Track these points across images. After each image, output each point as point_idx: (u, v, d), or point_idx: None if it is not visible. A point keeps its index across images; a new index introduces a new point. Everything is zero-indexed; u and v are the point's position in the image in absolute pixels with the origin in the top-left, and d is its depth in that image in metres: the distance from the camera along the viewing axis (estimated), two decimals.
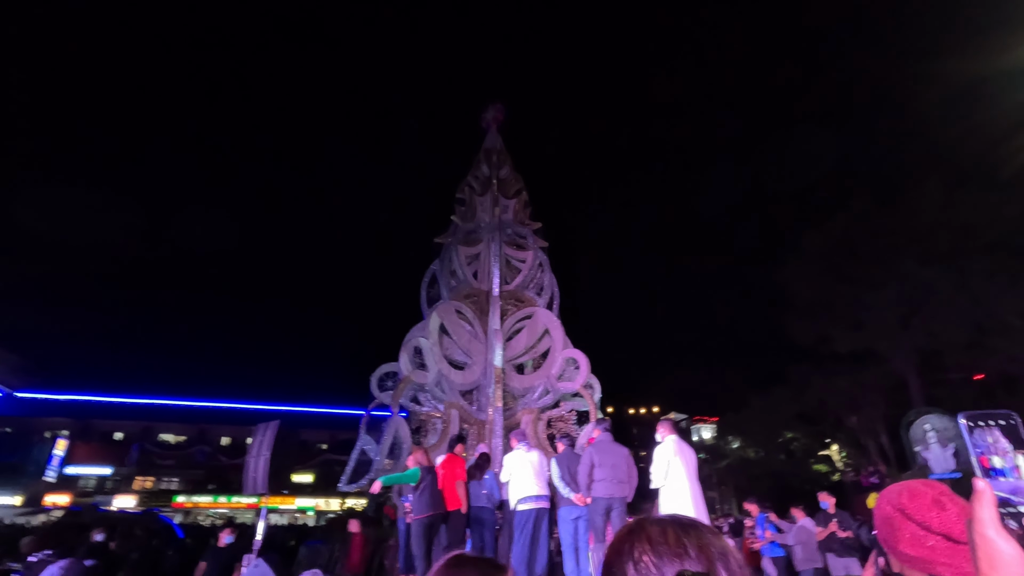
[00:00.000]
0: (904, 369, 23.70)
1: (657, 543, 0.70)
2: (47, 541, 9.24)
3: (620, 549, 0.73)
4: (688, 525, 0.73)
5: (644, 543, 0.71)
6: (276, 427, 7.67)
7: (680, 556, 0.68)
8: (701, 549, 0.68)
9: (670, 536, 0.70)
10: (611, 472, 5.80)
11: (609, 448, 6.01)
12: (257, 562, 5.88)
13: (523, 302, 14.90)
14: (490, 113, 18.05)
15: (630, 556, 0.70)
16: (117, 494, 36.74)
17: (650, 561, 0.68)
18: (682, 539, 0.70)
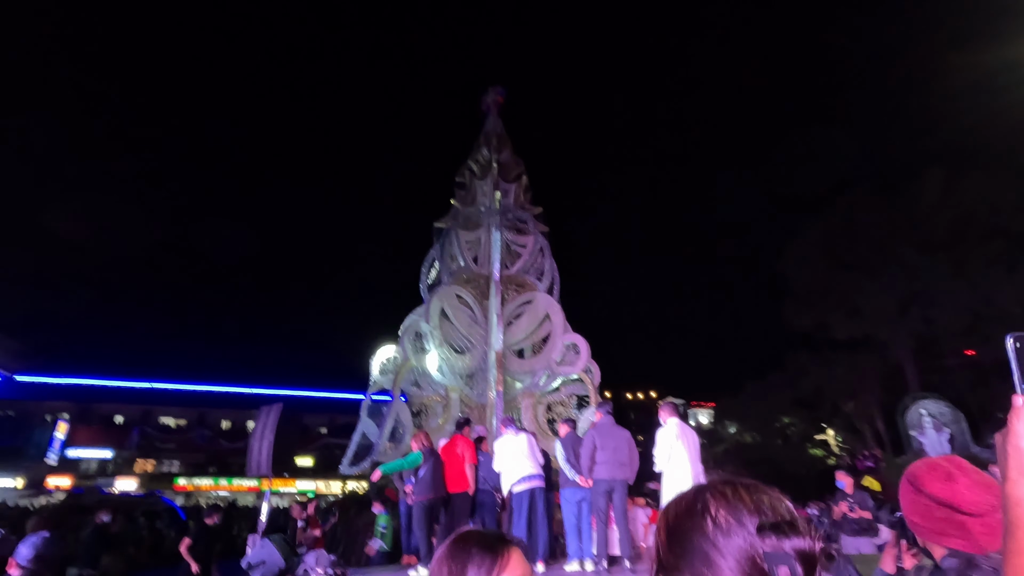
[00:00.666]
0: (901, 356, 23.88)
1: (733, 500, 0.71)
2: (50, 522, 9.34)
3: (691, 509, 0.73)
4: (755, 485, 0.75)
5: (720, 500, 0.71)
6: (279, 410, 7.71)
7: (757, 511, 0.69)
8: (772, 508, 0.70)
9: (743, 494, 0.72)
10: (612, 455, 5.86)
11: (611, 431, 6.06)
12: (263, 542, 5.95)
13: (523, 287, 14.89)
14: (490, 96, 17.86)
15: (706, 514, 0.71)
16: (119, 476, 37.00)
17: (730, 516, 0.69)
18: (755, 496, 0.71)
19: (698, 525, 0.70)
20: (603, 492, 5.84)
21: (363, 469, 13.11)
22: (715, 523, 0.69)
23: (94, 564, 7.73)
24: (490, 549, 1.04)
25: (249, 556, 5.89)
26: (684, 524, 0.72)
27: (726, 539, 0.67)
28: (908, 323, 22.65)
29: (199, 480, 38.67)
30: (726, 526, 0.68)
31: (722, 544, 0.67)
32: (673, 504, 0.78)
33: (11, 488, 32.30)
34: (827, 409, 29.14)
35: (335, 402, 44.69)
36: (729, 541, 0.67)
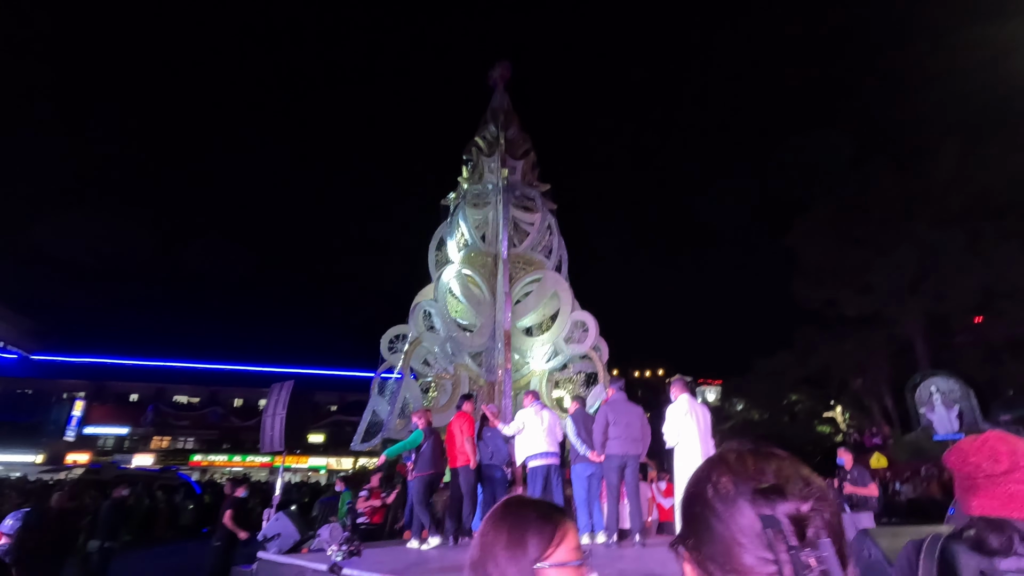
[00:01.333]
0: (911, 332, 23.71)
1: (735, 467, 0.70)
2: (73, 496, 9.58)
3: (701, 476, 0.73)
4: (766, 453, 0.73)
5: (723, 467, 0.71)
6: (291, 387, 7.80)
7: (757, 478, 0.68)
8: (777, 473, 0.68)
9: (748, 461, 0.71)
10: (625, 430, 5.90)
11: (623, 407, 6.10)
12: (277, 516, 6.08)
13: (531, 265, 14.85)
14: (497, 71, 17.59)
15: (709, 480, 0.70)
16: (136, 453, 37.83)
17: (728, 482, 0.68)
18: (759, 463, 0.70)
19: (702, 493, 0.70)
20: (616, 467, 5.89)
21: (373, 445, 13.31)
22: (716, 490, 0.68)
23: (114, 536, 7.95)
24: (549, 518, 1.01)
25: (265, 529, 6.02)
26: (692, 492, 0.72)
27: (725, 506, 0.67)
28: (919, 300, 22.42)
29: (214, 456, 39.47)
30: (725, 493, 0.67)
31: (721, 511, 0.67)
32: (696, 471, 0.77)
33: (32, 463, 33.13)
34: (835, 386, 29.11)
35: (345, 380, 45.23)
36: (728, 508, 0.66)
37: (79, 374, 43.00)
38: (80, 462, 32.63)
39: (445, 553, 5.62)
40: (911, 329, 23.54)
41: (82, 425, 38.69)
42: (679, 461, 5.74)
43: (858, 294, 23.78)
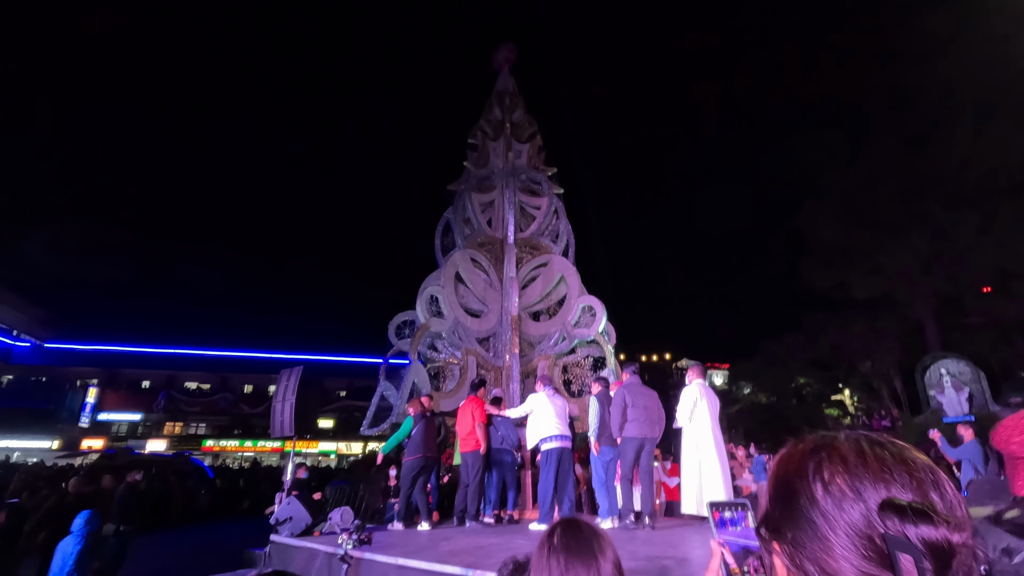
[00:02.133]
0: (922, 314, 23.50)
1: (854, 464, 0.59)
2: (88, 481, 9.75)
3: (802, 468, 0.62)
4: (886, 443, 0.61)
5: (836, 463, 0.59)
6: (299, 372, 7.84)
7: (885, 480, 0.56)
8: (910, 472, 0.57)
9: (869, 456, 0.59)
10: (643, 413, 5.90)
11: (640, 390, 6.10)
12: (289, 499, 6.14)
13: (538, 249, 14.78)
14: (501, 54, 17.34)
15: (818, 478, 0.59)
16: (149, 438, 38.41)
17: (845, 484, 0.57)
18: (884, 459, 0.58)
19: (807, 488, 0.59)
20: (634, 449, 5.88)
21: (382, 430, 13.42)
22: (827, 490, 0.58)
23: (128, 520, 8.10)
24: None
25: (277, 512, 6.08)
26: (792, 483, 0.61)
27: (838, 511, 0.56)
28: (930, 281, 22.19)
29: (225, 441, 40.01)
30: (839, 495, 0.57)
31: (833, 515, 0.57)
32: (786, 456, 0.67)
33: (48, 449, 33.76)
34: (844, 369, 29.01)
35: (354, 366, 45.57)
36: (842, 514, 0.56)
37: (91, 361, 43.57)
38: (95, 448, 33.20)
39: (456, 535, 5.67)
40: (921, 311, 23.33)
41: (96, 411, 39.32)
42: (689, 443, 5.76)
43: (868, 276, 23.55)
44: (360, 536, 3.12)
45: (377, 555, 4.40)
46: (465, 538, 5.39)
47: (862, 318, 25.03)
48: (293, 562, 5.51)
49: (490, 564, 3.76)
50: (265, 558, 5.92)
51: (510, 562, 1.92)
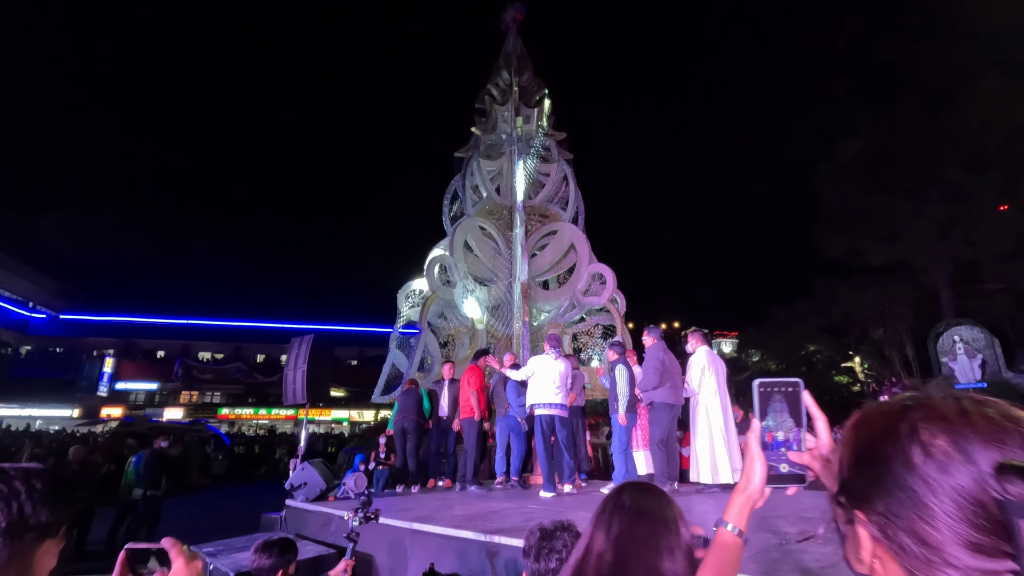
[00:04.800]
0: (937, 280, 23.15)
1: (957, 423, 0.51)
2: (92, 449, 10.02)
3: (893, 430, 0.54)
4: (989, 400, 0.53)
5: (936, 423, 0.52)
6: (311, 340, 7.85)
7: (997, 440, 0.49)
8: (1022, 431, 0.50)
9: (974, 414, 0.52)
10: (677, 379, 5.81)
11: (671, 355, 5.96)
12: (303, 465, 6.21)
13: (548, 217, 14.61)
14: (509, 14, 16.79)
15: (915, 440, 0.52)
16: (166, 407, 39.31)
17: (950, 446, 0.50)
18: (992, 417, 0.51)
19: (902, 452, 0.53)
20: (670, 415, 5.77)
21: (393, 397, 13.55)
22: (928, 453, 0.51)
23: (156, 485, 8.32)
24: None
25: (292, 478, 6.16)
26: (881, 447, 0.55)
27: (943, 475, 0.50)
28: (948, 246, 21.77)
29: (240, 409, 40.86)
30: (944, 459, 0.50)
31: (937, 481, 0.50)
32: (866, 418, 0.60)
33: (69, 417, 34.67)
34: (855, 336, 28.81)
35: (365, 335, 45.95)
36: (948, 478, 0.49)
37: (107, 332, 44.27)
38: (114, 416, 34.05)
39: (469, 500, 5.72)
40: (937, 277, 22.98)
41: (113, 381, 40.18)
42: (699, 412, 5.71)
43: (883, 241, 23.14)
44: (367, 513, 3.10)
45: (391, 520, 4.43)
46: (479, 503, 5.43)
47: (875, 284, 24.71)
48: (308, 526, 5.60)
49: (505, 529, 3.77)
50: (281, 522, 6.02)
51: (536, 530, 1.87)
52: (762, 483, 0.87)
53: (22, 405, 34.84)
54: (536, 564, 1.80)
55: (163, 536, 0.99)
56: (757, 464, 0.87)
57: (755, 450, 0.88)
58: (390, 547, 4.33)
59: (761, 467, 0.87)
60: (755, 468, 0.87)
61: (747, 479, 0.89)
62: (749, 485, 0.88)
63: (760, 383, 0.90)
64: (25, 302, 41.22)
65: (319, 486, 6.01)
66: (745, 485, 0.89)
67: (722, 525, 0.92)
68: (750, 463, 0.88)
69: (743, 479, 0.90)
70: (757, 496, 0.89)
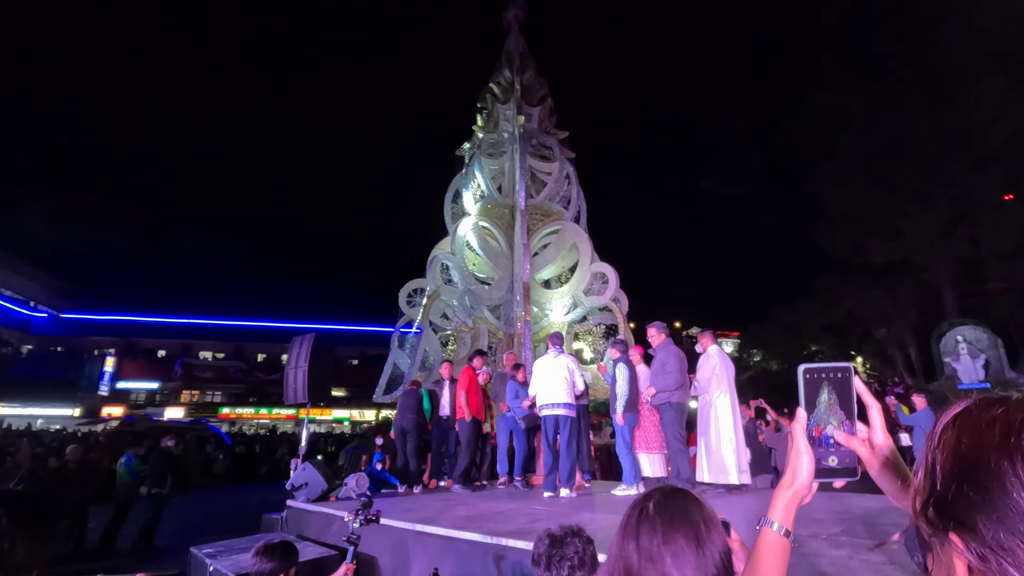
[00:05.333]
0: (940, 279, 23.06)
1: None
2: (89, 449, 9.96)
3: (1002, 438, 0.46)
4: None
5: None
6: (312, 339, 7.80)
7: None
8: None
9: None
10: (687, 377, 5.77)
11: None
12: (304, 465, 6.15)
13: (550, 215, 14.56)
14: (511, 12, 16.75)
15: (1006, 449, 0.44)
16: (167, 406, 39.30)
17: None
18: None
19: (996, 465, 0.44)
20: (685, 415, 5.73)
21: (395, 397, 13.50)
22: None
23: (161, 483, 8.30)
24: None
25: (293, 478, 6.10)
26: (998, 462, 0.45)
27: None
28: (952, 245, 21.67)
29: (241, 409, 40.84)
30: None
31: None
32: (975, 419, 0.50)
33: (70, 416, 34.66)
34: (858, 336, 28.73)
35: (366, 334, 45.93)
36: None
37: (108, 331, 44.28)
38: (115, 415, 34.02)
39: (469, 500, 5.66)
40: (940, 276, 22.88)
41: (114, 380, 40.17)
42: (708, 412, 5.65)
43: (886, 240, 23.04)
44: (368, 514, 3.03)
45: (393, 521, 4.37)
46: (481, 503, 5.37)
47: (878, 283, 24.63)
48: (309, 527, 5.55)
49: (509, 531, 3.71)
50: (282, 522, 5.97)
51: (545, 536, 1.80)
52: (810, 478, 0.82)
53: (23, 404, 34.83)
54: (547, 573, 1.73)
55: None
56: (804, 458, 0.82)
57: (801, 442, 0.83)
58: (392, 549, 4.27)
59: (808, 460, 0.82)
60: (802, 462, 0.82)
61: (793, 474, 0.83)
62: (796, 480, 0.83)
63: (806, 369, 0.84)
64: (26, 301, 41.22)
65: (320, 486, 5.95)
66: (791, 480, 0.83)
67: (767, 524, 0.85)
68: (796, 456, 0.83)
69: (788, 474, 0.84)
70: (804, 492, 0.84)
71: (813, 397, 0.82)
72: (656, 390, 5.72)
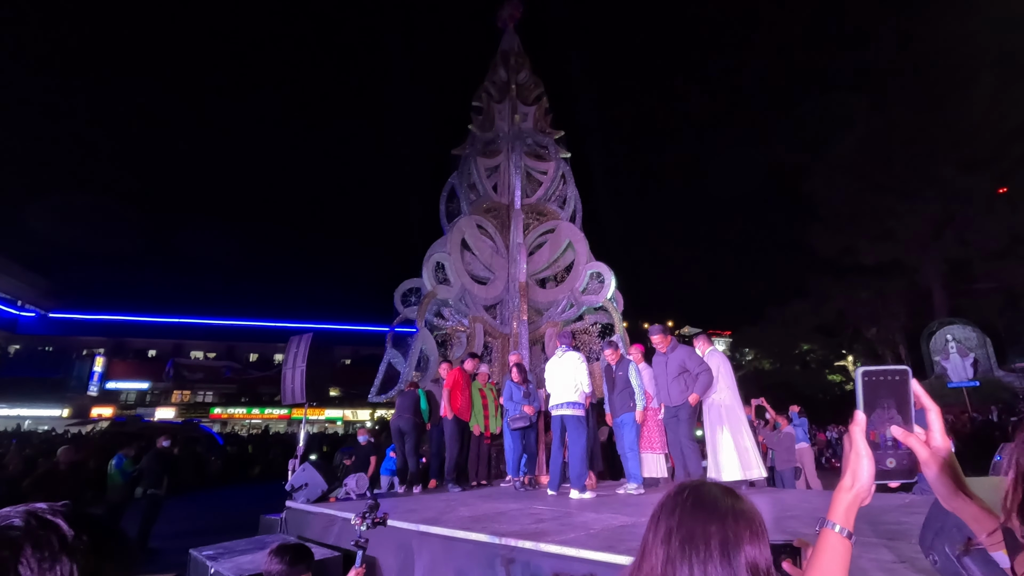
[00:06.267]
0: (930, 280, 23.36)
1: None
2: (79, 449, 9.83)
3: None
4: None
5: None
6: (310, 339, 7.75)
7: None
8: None
9: None
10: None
11: None
12: (303, 466, 6.11)
13: (545, 215, 14.55)
14: (506, 11, 16.73)
15: None
16: (158, 407, 38.93)
17: None
18: None
19: None
20: (696, 413, 5.78)
21: (390, 397, 13.45)
22: None
23: (158, 484, 8.22)
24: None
25: (292, 479, 6.06)
26: None
27: None
28: (941, 246, 21.96)
29: (233, 409, 40.54)
30: None
31: None
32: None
33: (59, 417, 34.27)
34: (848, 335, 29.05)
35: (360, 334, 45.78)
36: None
37: (97, 331, 43.81)
38: (105, 416, 33.68)
39: (470, 500, 5.66)
40: (930, 276, 23.19)
41: (104, 380, 39.75)
42: (720, 410, 5.71)
43: (878, 241, 23.32)
44: (374, 517, 3.01)
45: (396, 521, 4.35)
46: (484, 503, 5.36)
47: (869, 284, 24.92)
48: (310, 528, 5.51)
49: (515, 531, 3.70)
50: (281, 524, 5.93)
51: None
52: (870, 479, 0.83)
53: (11, 405, 34.39)
54: None
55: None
56: (864, 460, 0.83)
57: (861, 445, 0.83)
58: (396, 550, 4.26)
59: (869, 463, 0.83)
60: (862, 464, 0.83)
61: (853, 476, 0.84)
62: (856, 482, 0.83)
63: (864, 372, 0.84)
64: (14, 300, 40.70)
65: (320, 487, 5.92)
66: (851, 483, 0.84)
67: (827, 526, 0.85)
68: (856, 459, 0.84)
69: (848, 476, 0.85)
70: (865, 494, 0.84)
71: (871, 400, 0.83)
72: (699, 395, 5.65)
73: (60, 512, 0.67)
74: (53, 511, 0.68)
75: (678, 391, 5.74)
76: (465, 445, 7.54)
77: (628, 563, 1.07)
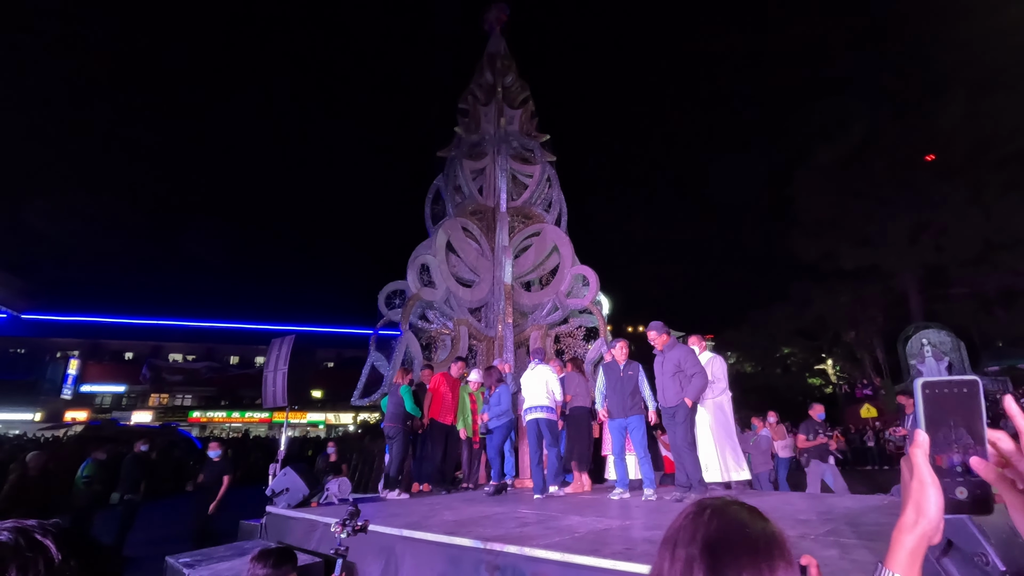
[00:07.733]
0: (906, 285, 23.89)
1: None
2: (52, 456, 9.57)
3: None
4: None
5: None
6: (292, 342, 7.65)
7: None
8: None
9: None
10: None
11: None
12: (284, 471, 6.01)
13: (530, 218, 14.58)
14: (492, 14, 16.76)
15: None
16: (134, 410, 38.11)
17: None
18: None
19: None
20: (693, 415, 5.62)
21: (373, 400, 13.33)
22: None
23: (134, 489, 8.04)
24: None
25: (272, 484, 5.96)
26: None
27: None
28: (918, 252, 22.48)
29: (212, 412, 39.84)
30: None
31: None
32: None
33: (31, 421, 33.37)
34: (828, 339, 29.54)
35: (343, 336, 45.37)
36: None
37: (72, 332, 42.83)
38: (79, 420, 32.88)
39: (454, 504, 5.62)
40: (907, 281, 23.71)
41: (78, 383, 38.82)
42: (716, 411, 5.79)
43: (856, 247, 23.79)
44: (355, 524, 2.97)
45: (378, 526, 4.30)
46: (469, 507, 5.33)
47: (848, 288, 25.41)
48: (291, 533, 5.42)
49: (499, 535, 3.68)
50: (261, 529, 5.82)
51: None
52: (939, 514, 0.67)
53: None
54: None
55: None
56: (931, 490, 0.67)
57: (925, 472, 0.68)
58: (378, 555, 4.20)
59: (936, 493, 0.67)
60: (928, 496, 0.67)
61: (917, 511, 0.67)
62: (921, 518, 0.67)
63: (925, 383, 0.70)
64: None
65: (301, 491, 5.83)
66: (915, 518, 0.68)
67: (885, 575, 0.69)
68: (920, 488, 0.68)
69: (911, 511, 0.68)
70: (932, 532, 0.68)
71: (935, 417, 0.69)
72: (692, 398, 5.41)
73: (51, 532, 0.65)
74: (44, 530, 0.65)
75: (673, 391, 5.47)
76: (450, 449, 7.53)
77: (613, 567, 0.95)
